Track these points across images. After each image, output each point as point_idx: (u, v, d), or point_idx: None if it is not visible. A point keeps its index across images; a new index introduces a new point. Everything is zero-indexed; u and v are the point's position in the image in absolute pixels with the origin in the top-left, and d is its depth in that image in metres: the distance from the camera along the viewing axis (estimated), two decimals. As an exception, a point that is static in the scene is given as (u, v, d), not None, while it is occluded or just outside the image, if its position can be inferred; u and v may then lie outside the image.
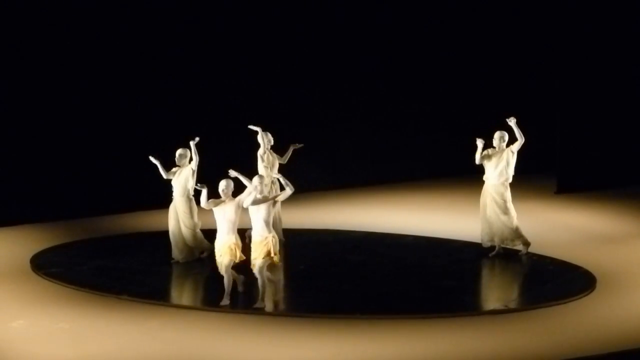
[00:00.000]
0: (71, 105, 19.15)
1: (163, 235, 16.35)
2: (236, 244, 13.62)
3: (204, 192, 13.68)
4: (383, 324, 13.17)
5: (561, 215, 19.56)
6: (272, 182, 17.15)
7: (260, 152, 17.08)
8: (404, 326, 13.09)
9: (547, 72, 22.66)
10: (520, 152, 16.32)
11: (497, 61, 23.23)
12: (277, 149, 17.18)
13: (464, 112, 22.90)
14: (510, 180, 16.19)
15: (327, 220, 18.86)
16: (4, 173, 18.54)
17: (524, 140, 16.07)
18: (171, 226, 15.98)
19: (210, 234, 15.65)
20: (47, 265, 15.80)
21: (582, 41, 21.55)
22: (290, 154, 17.30)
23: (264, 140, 17.02)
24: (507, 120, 16.08)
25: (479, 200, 16.37)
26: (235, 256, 13.63)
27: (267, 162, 17.07)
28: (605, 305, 13.90)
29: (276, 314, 13.77)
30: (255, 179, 13.49)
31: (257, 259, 13.48)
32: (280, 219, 17.22)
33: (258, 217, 13.50)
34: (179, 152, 15.91)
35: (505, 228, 16.16)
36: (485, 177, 16.24)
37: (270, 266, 13.77)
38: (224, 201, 13.63)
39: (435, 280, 15.18)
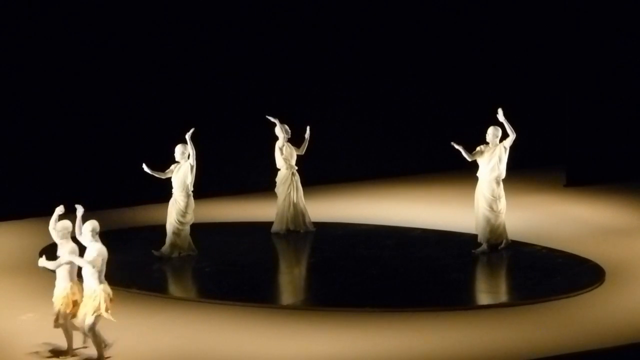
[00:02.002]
0: (80, 100, 19.19)
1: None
2: (72, 293, 11.82)
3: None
4: (392, 317, 13.17)
5: (570, 208, 19.53)
6: (293, 174, 17.24)
7: (279, 144, 17.19)
8: (412, 319, 13.09)
9: (556, 66, 22.60)
10: (529, 145, 16.26)
11: (507, 55, 23.18)
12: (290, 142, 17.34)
13: (475, 106, 22.83)
14: (503, 176, 16.01)
15: (335, 214, 18.85)
16: (13, 166, 18.58)
17: (515, 135, 15.83)
18: (170, 220, 15.97)
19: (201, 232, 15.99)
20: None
21: (592, 35, 21.48)
22: (307, 144, 17.39)
23: (282, 132, 17.11)
24: (497, 115, 15.94)
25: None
26: (68, 306, 11.84)
27: (286, 154, 17.17)
28: (614, 298, 13.88)
29: (286, 306, 13.79)
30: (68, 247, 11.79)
31: (86, 315, 11.65)
32: (306, 209, 17.36)
33: (85, 270, 11.72)
34: (178, 148, 15.78)
35: (486, 225, 16.01)
36: (478, 174, 16.13)
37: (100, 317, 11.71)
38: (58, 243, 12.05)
39: (443, 274, 15.18)
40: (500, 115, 15.94)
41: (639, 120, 21.86)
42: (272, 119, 17.20)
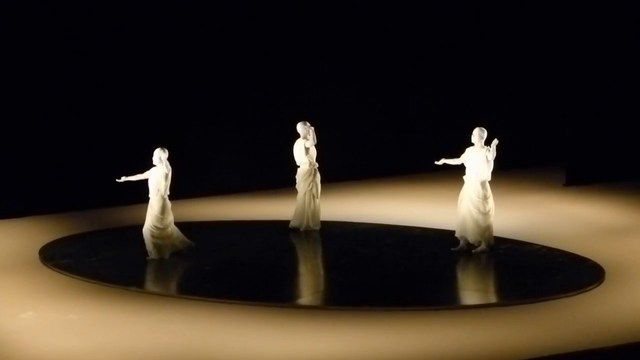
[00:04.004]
0: (79, 98, 19.19)
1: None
2: None
3: None
4: (391, 316, 13.17)
5: (570, 207, 19.54)
6: (315, 171, 17.34)
7: (307, 144, 17.26)
8: (411, 318, 13.09)
9: (556, 65, 22.62)
10: (529, 144, 16.25)
11: (508, 53, 23.20)
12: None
13: (474, 106, 22.87)
14: (489, 178, 15.97)
15: (335, 213, 18.85)
16: (13, 164, 18.59)
17: (495, 155, 15.70)
18: (145, 226, 15.93)
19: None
20: (56, 257, 15.84)
21: (592, 33, 21.50)
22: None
23: (311, 134, 17.19)
24: (492, 143, 15.84)
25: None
26: None
27: (311, 153, 17.30)
28: (614, 298, 13.88)
29: (285, 305, 13.78)
30: None
31: None
32: (320, 207, 17.37)
33: None
34: (156, 152, 15.54)
35: (476, 227, 15.97)
36: (464, 176, 16.05)
37: None
38: None
39: (442, 273, 15.19)
40: (494, 144, 15.76)
41: (639, 119, 21.88)
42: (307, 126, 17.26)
